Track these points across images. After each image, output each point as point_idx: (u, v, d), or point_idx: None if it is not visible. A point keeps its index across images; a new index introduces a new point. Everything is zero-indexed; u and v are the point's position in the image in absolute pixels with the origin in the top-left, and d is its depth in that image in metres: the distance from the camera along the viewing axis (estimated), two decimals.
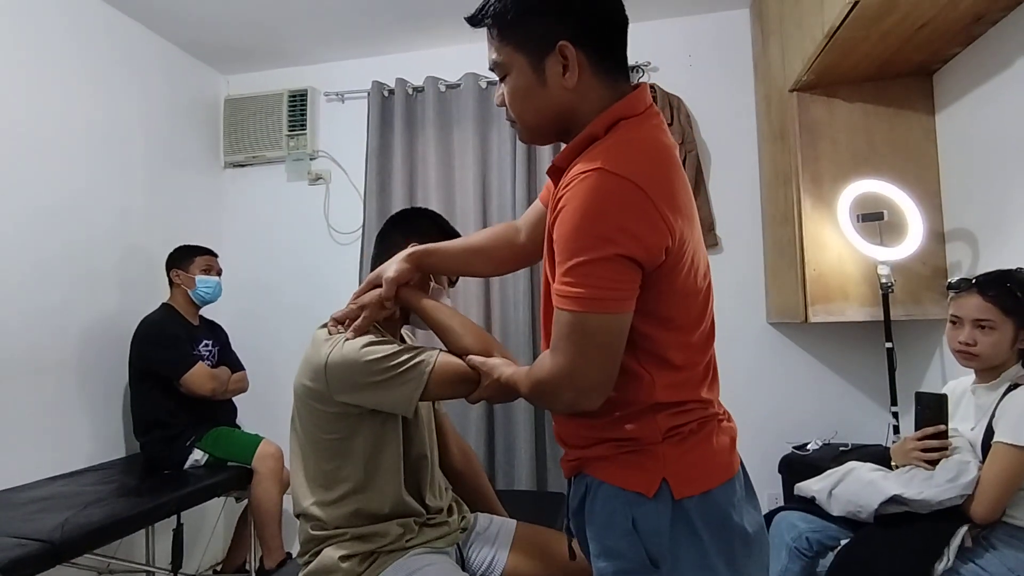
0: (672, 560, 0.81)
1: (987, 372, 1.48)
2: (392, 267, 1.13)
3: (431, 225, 1.35)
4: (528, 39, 0.84)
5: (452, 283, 1.37)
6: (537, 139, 0.94)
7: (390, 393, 1.10)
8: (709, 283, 0.89)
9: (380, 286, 1.14)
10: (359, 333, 1.13)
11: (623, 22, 0.86)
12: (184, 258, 2.35)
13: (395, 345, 1.13)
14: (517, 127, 0.92)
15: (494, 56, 0.88)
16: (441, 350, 1.14)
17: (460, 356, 1.11)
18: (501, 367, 1.03)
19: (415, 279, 1.18)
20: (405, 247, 1.24)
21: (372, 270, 1.30)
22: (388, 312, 1.17)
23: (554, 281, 0.81)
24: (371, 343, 1.12)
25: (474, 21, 0.89)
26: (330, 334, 1.16)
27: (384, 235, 1.34)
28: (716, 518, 0.83)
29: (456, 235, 1.37)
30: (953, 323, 1.49)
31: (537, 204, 1.13)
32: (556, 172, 0.87)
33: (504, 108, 0.92)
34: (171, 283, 2.36)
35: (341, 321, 1.17)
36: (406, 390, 1.09)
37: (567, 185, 0.79)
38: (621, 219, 0.75)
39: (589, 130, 0.83)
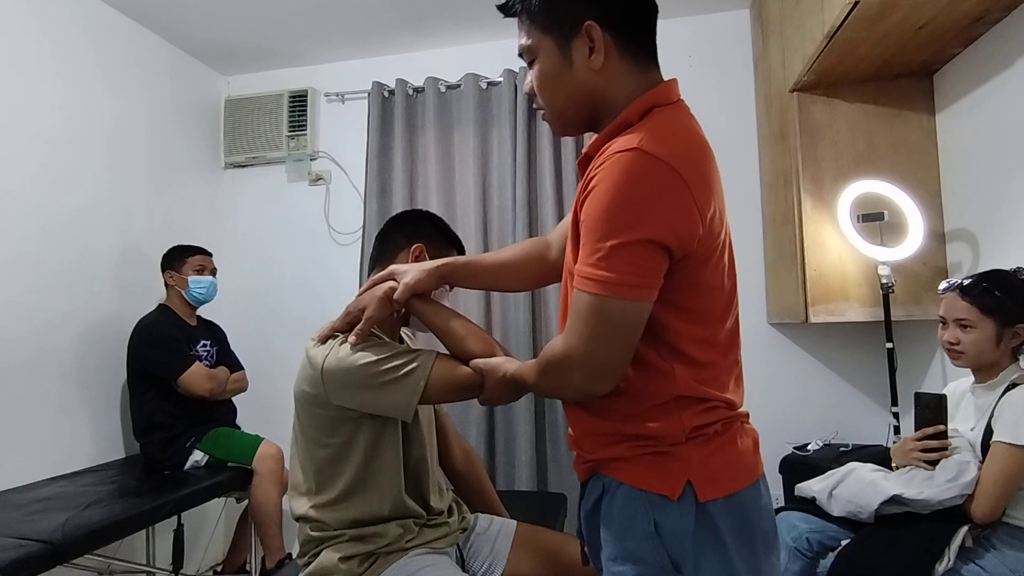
0: (694, 565, 0.78)
1: (985, 372, 1.49)
2: (411, 274, 1.07)
3: (435, 229, 1.33)
4: (555, 20, 0.83)
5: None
6: (567, 127, 0.91)
7: (387, 397, 1.07)
8: (735, 283, 0.88)
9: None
10: (361, 339, 1.08)
11: (652, 6, 0.84)
12: (177, 259, 2.35)
13: (391, 348, 1.10)
14: (547, 116, 0.90)
15: (523, 40, 0.87)
16: (440, 353, 1.11)
17: (462, 360, 1.07)
18: (504, 364, 1.00)
19: (436, 292, 1.14)
20: (408, 248, 1.25)
21: (370, 269, 1.29)
22: (391, 313, 1.13)
23: (576, 262, 0.79)
24: (366, 346, 1.09)
25: (505, 9, 0.89)
26: (320, 344, 1.12)
27: (386, 236, 1.32)
28: (740, 522, 0.80)
29: (457, 240, 1.36)
30: (942, 323, 1.54)
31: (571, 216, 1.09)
32: (588, 162, 0.85)
33: (533, 97, 0.89)
34: (167, 284, 2.36)
35: (341, 330, 1.12)
36: (403, 395, 1.06)
37: (601, 164, 0.76)
38: (655, 203, 0.73)
39: (623, 116, 0.81)
